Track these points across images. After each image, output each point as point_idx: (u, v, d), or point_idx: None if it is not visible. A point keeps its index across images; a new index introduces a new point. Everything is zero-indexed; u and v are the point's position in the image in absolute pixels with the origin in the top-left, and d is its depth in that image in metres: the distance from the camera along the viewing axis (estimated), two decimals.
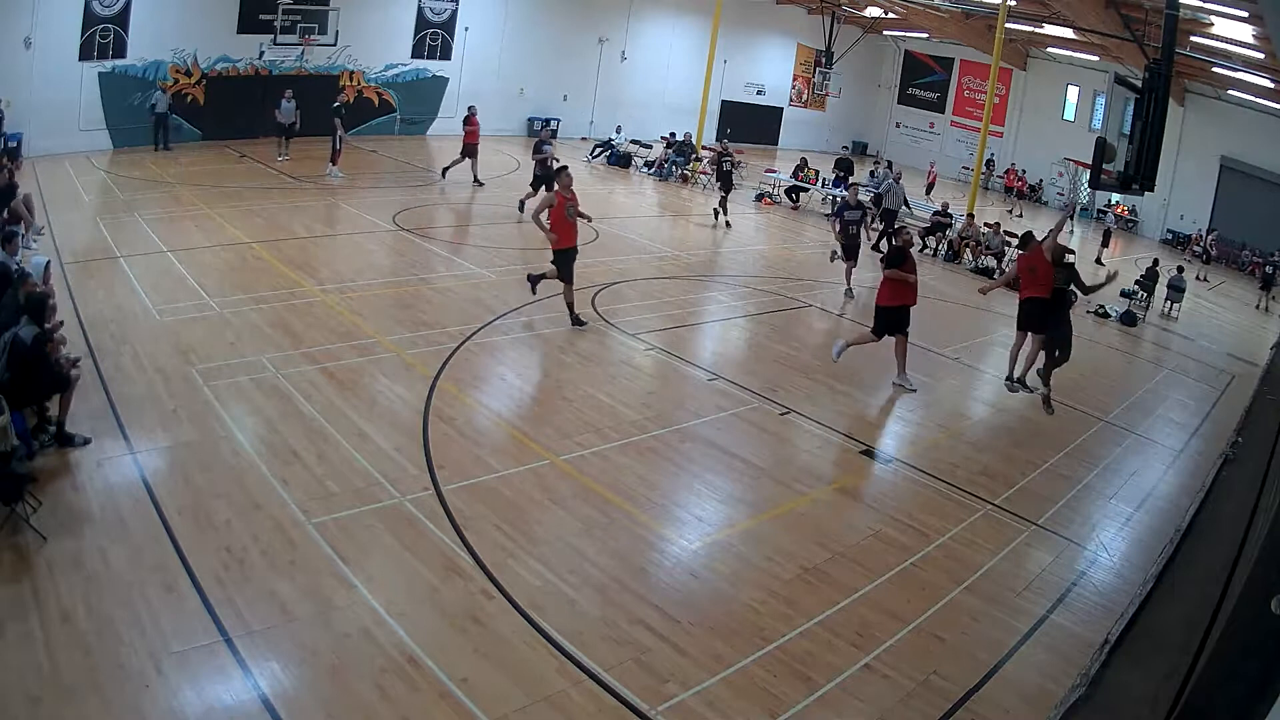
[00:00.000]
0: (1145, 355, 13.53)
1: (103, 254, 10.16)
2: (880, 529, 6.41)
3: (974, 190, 20.24)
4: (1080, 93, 28.53)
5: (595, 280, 11.59)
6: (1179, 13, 10.16)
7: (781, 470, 7.12)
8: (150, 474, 5.73)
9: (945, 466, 7.66)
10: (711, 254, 14.73)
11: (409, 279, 10.82)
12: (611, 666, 4.54)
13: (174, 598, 4.58)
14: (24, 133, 14.17)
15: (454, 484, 6.11)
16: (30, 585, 4.54)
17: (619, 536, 5.80)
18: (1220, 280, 22.00)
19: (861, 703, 4.57)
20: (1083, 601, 5.83)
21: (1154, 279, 15.98)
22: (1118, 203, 27.13)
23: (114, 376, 7.03)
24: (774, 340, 10.40)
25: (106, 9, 15.85)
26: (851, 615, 5.29)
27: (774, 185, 21.14)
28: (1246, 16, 14.77)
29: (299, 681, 4.17)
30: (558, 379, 8.34)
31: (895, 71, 34.36)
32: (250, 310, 8.83)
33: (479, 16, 22.91)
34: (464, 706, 4.14)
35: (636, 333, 9.83)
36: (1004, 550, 6.35)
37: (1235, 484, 6.57)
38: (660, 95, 27.05)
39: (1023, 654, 5.18)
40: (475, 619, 4.78)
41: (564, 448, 6.87)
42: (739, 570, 5.62)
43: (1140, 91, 9.38)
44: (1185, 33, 16.32)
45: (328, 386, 7.37)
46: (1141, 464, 8.55)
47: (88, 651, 4.13)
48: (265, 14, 18.42)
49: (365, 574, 5.01)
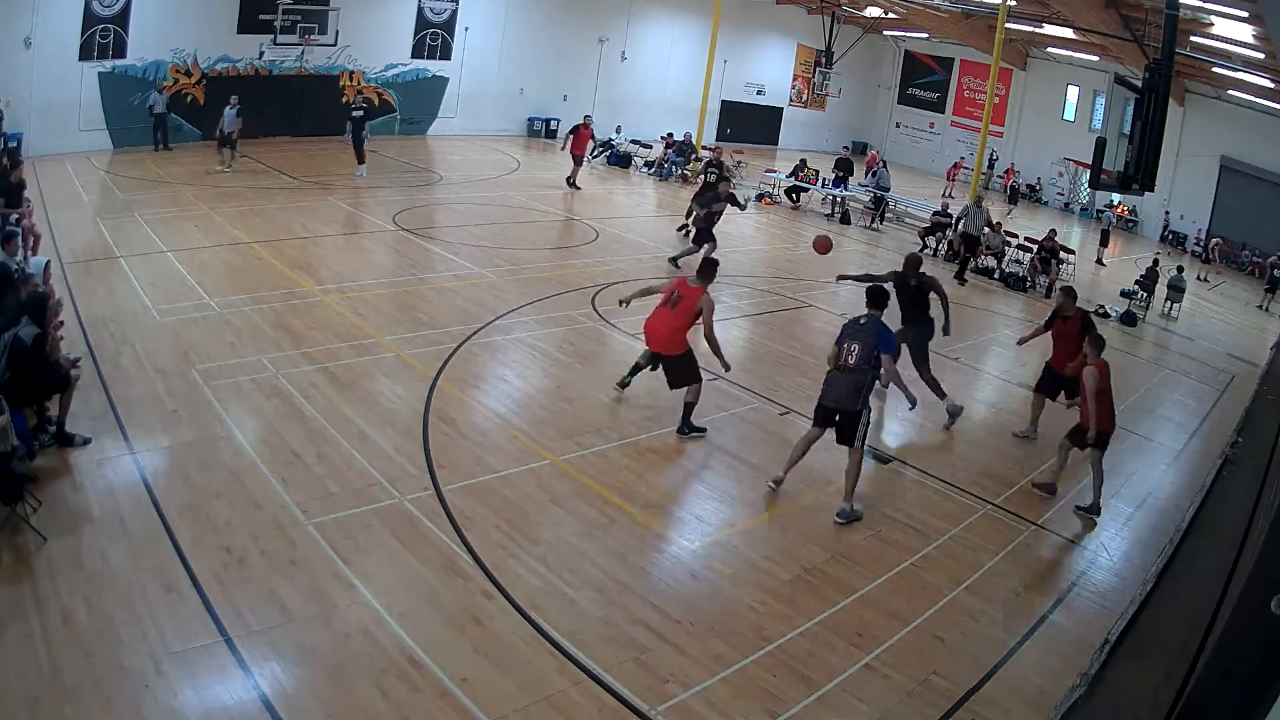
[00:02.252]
0: (1145, 355, 13.52)
1: (103, 254, 10.16)
2: (880, 529, 6.41)
3: (974, 190, 20.24)
4: (1080, 93, 28.54)
5: (595, 280, 11.59)
6: (1179, 13, 10.17)
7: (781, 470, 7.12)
8: (150, 474, 5.73)
9: (945, 466, 7.66)
10: (711, 254, 14.71)
11: (409, 279, 10.82)
12: (611, 666, 4.54)
13: (174, 598, 4.58)
14: (24, 133, 14.16)
15: (454, 484, 6.10)
16: (30, 585, 4.53)
17: (619, 536, 5.80)
18: (1220, 280, 22.00)
19: (861, 703, 4.57)
20: (1083, 601, 5.84)
21: (1154, 279, 15.98)
22: (1118, 203, 27.14)
23: (114, 376, 7.03)
24: (774, 340, 10.39)
25: (106, 9, 15.85)
26: (851, 615, 5.29)
27: (774, 185, 21.14)
28: (1246, 16, 14.77)
29: (299, 681, 4.17)
30: (558, 379, 8.34)
31: (895, 71, 34.38)
32: (250, 310, 8.83)
33: (479, 16, 22.91)
34: (464, 706, 4.14)
35: (636, 333, 9.81)
36: (1004, 550, 6.35)
37: (1235, 484, 6.57)
38: (660, 95, 27.05)
39: (1023, 654, 5.18)
40: (475, 619, 4.78)
41: (564, 448, 6.87)
42: (739, 570, 5.62)
43: (1140, 91, 9.39)
44: (1185, 33, 16.31)
45: (328, 386, 7.37)
46: (1141, 464, 8.55)
47: (88, 651, 4.13)
48: (265, 14, 18.43)
49: (365, 574, 5.01)
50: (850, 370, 6.29)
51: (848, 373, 6.31)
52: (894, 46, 33.90)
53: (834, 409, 6.38)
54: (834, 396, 6.36)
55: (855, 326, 6.47)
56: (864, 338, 6.32)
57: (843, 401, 6.30)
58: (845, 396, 6.29)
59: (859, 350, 6.28)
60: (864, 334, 6.35)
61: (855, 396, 6.27)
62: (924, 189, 25.52)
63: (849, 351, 6.32)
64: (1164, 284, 16.20)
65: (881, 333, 6.42)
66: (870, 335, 6.34)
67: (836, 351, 6.45)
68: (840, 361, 6.37)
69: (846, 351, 6.33)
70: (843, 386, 6.32)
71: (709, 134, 26.65)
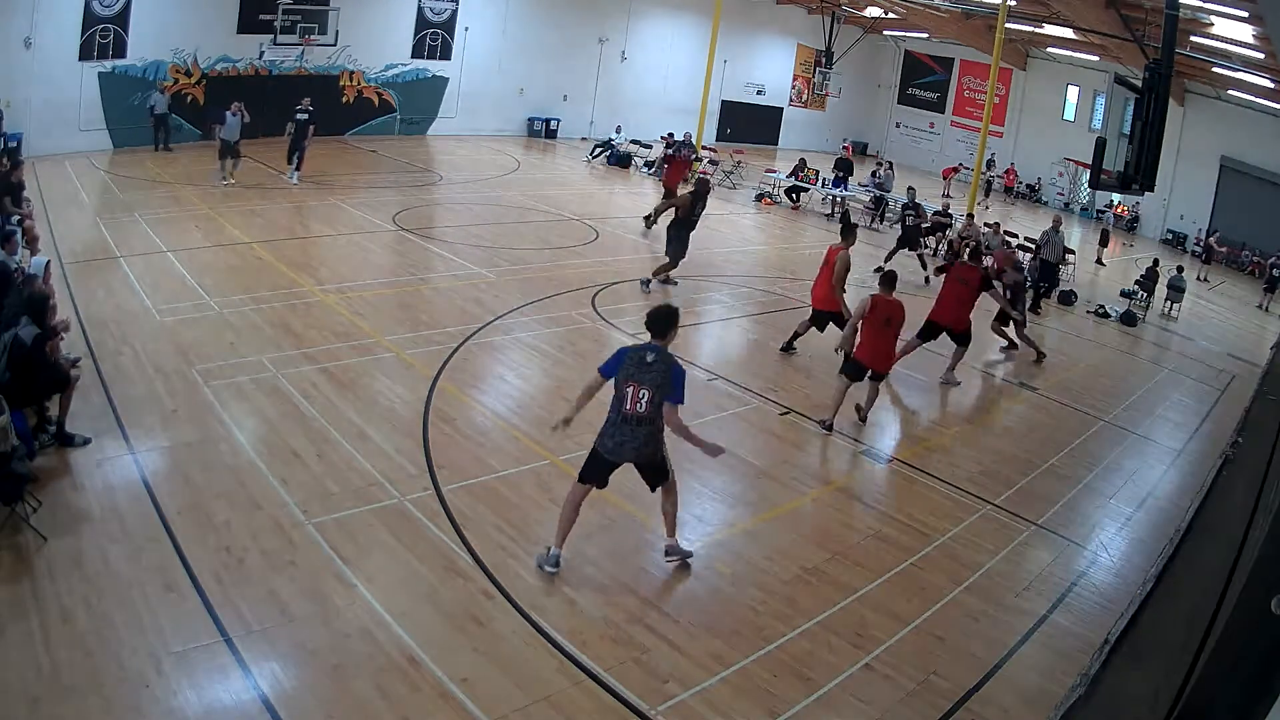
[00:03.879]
0: (1145, 355, 13.52)
1: (103, 254, 10.16)
2: (880, 529, 6.41)
3: (974, 190, 20.24)
4: (1080, 93, 28.53)
5: (595, 280, 11.59)
6: (1179, 13, 10.16)
7: (781, 470, 7.12)
8: (150, 474, 5.73)
9: (945, 466, 7.66)
10: (711, 254, 14.71)
11: (409, 279, 10.82)
12: (611, 666, 4.54)
13: (174, 598, 4.58)
14: (24, 133, 14.16)
15: (454, 484, 6.10)
16: (30, 585, 4.53)
17: (619, 536, 5.80)
18: (1220, 280, 22.00)
19: (861, 703, 4.57)
20: (1083, 601, 5.84)
21: (1154, 279, 15.97)
22: (1118, 203, 27.14)
23: (114, 376, 7.02)
24: (774, 340, 10.39)
25: (106, 9, 15.84)
26: (851, 615, 5.29)
27: (774, 185, 21.14)
28: (1246, 16, 14.77)
29: (299, 681, 4.17)
30: (558, 379, 8.33)
31: (895, 71, 34.36)
32: (250, 310, 8.83)
33: (479, 16, 22.91)
34: (464, 706, 4.14)
35: (636, 333, 9.81)
36: (1004, 550, 6.35)
37: (1235, 484, 6.56)
38: (660, 95, 27.04)
39: (1023, 654, 5.18)
40: (475, 619, 4.78)
41: (564, 448, 6.86)
42: (739, 570, 5.62)
43: (1140, 91, 9.39)
44: (1185, 33, 16.31)
45: (328, 386, 7.37)
46: (1141, 464, 8.55)
47: (88, 651, 4.13)
48: (265, 14, 18.43)
49: (365, 574, 5.01)
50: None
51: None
52: (894, 46, 33.89)
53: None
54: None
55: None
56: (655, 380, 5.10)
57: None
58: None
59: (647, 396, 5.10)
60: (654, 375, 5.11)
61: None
62: (925, 189, 25.50)
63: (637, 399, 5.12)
64: (1164, 284, 16.20)
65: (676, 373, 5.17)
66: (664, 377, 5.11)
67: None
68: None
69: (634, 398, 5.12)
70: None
71: (709, 134, 26.64)
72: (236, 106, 14.43)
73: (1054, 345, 12.25)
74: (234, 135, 14.23)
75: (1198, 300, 18.38)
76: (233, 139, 14.24)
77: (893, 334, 7.89)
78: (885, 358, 8.02)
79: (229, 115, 14.27)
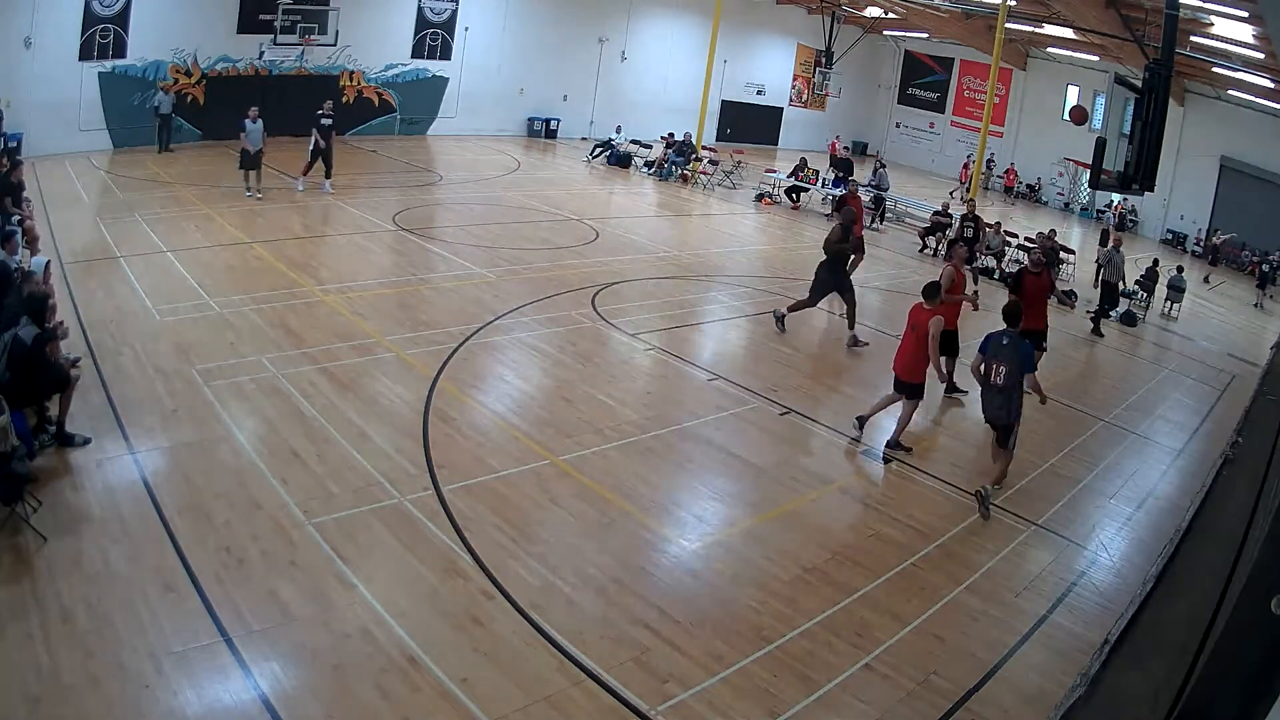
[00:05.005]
0: (1145, 355, 13.53)
1: (103, 254, 10.15)
2: (880, 529, 6.41)
3: (974, 190, 20.23)
4: (1080, 93, 28.49)
5: (595, 280, 11.59)
6: (1179, 13, 10.16)
7: (781, 470, 7.13)
8: (150, 474, 5.73)
9: (945, 466, 7.66)
10: (711, 254, 14.73)
11: (409, 279, 10.82)
12: (611, 666, 4.54)
13: (174, 598, 4.58)
14: (24, 133, 14.16)
15: (454, 484, 6.10)
16: (30, 585, 4.53)
17: (619, 536, 5.80)
18: (1220, 280, 22.00)
19: (861, 703, 4.57)
20: (1083, 601, 5.83)
21: (1154, 279, 15.97)
22: (1118, 203, 27.12)
23: (114, 376, 7.02)
24: (774, 340, 10.39)
25: (106, 9, 15.85)
26: (851, 615, 5.29)
27: (774, 185, 21.14)
28: (1246, 16, 14.77)
29: (299, 681, 4.17)
30: (558, 379, 8.33)
31: (895, 71, 34.37)
32: (250, 310, 8.83)
33: (479, 16, 22.92)
34: (464, 706, 4.14)
35: (637, 333, 9.83)
36: (1004, 550, 6.35)
37: (1235, 484, 6.56)
38: (660, 95, 27.04)
39: (1023, 654, 5.18)
40: (475, 619, 4.78)
41: (564, 448, 6.87)
42: (739, 570, 5.62)
43: (1140, 91, 9.39)
44: (1185, 33, 16.32)
45: (328, 386, 7.37)
46: (1141, 464, 8.55)
47: (88, 651, 4.13)
48: (265, 14, 18.44)
49: (365, 574, 5.01)
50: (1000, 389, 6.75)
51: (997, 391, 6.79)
52: (894, 46, 33.89)
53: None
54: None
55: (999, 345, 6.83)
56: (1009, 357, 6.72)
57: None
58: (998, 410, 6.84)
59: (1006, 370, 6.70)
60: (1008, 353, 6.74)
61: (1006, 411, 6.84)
62: (925, 189, 25.52)
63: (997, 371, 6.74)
64: (1164, 284, 16.20)
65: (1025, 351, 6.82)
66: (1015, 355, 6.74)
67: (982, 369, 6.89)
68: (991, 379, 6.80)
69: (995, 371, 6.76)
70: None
71: (709, 134, 26.64)
72: (254, 113, 13.58)
73: (1054, 345, 12.23)
74: (257, 143, 13.53)
75: (1197, 300, 18.38)
76: (255, 148, 13.54)
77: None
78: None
79: (248, 123, 13.44)
